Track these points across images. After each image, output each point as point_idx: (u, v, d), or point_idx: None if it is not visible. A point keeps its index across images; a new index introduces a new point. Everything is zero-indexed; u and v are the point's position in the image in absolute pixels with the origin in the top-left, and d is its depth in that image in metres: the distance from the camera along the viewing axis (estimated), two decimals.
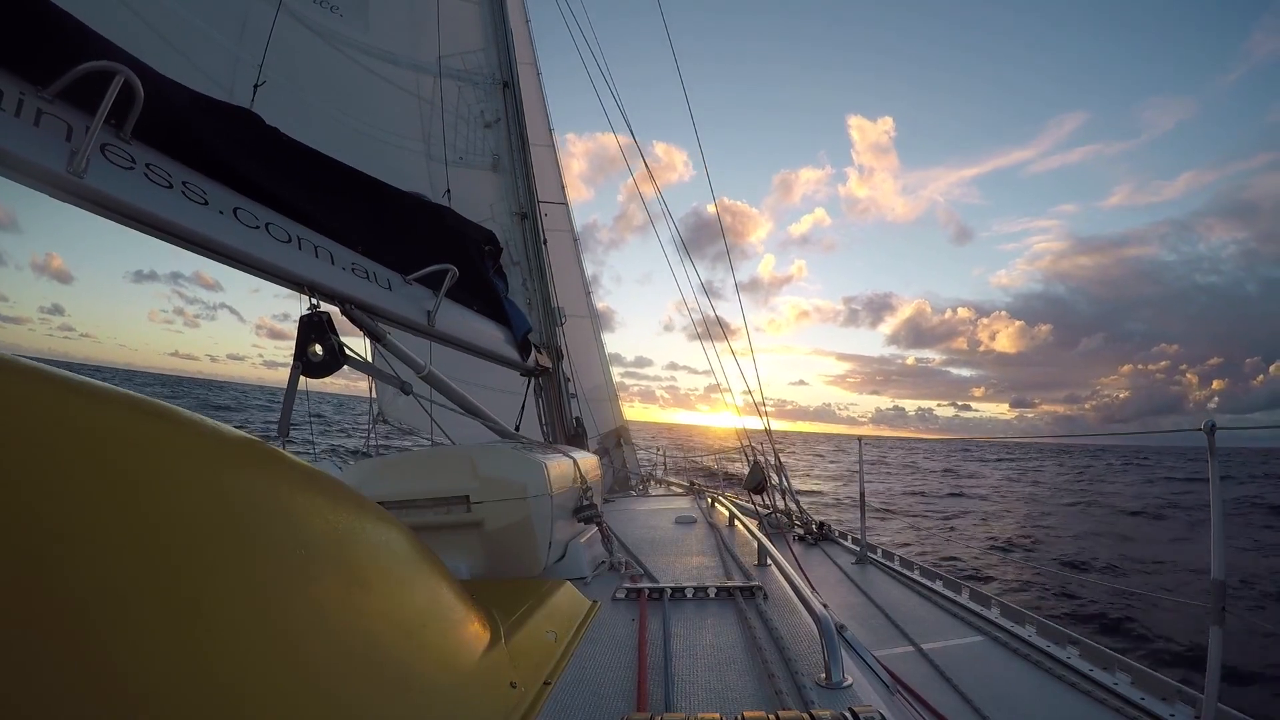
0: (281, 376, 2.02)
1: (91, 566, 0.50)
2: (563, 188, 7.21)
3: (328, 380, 2.09)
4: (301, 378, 2.00)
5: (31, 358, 0.61)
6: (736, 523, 3.47)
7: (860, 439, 5.89)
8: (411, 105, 3.88)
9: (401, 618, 0.90)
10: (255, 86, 2.51)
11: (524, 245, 4.29)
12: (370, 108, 3.53)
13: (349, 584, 0.81)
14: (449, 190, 3.56)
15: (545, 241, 4.42)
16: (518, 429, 4.01)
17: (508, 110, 4.28)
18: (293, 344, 2.01)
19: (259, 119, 2.07)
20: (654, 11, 6.30)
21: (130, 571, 0.53)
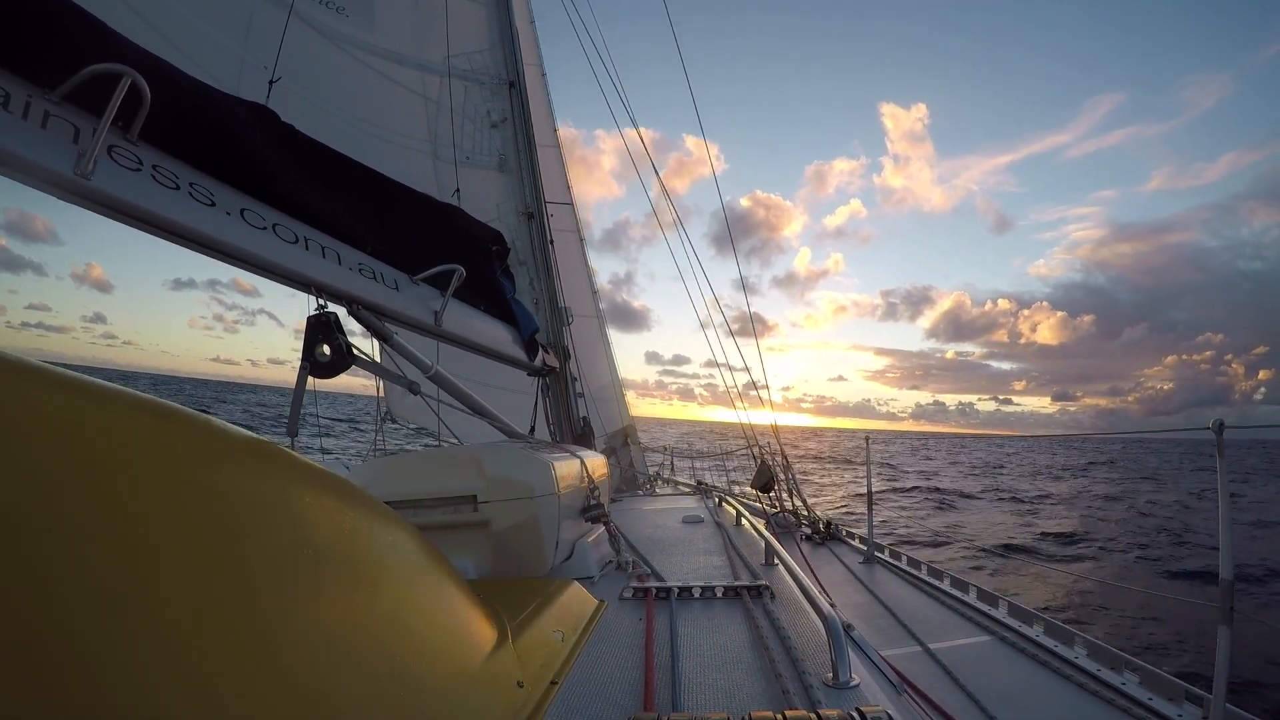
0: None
1: (95, 568, 0.50)
2: (568, 188, 7.21)
3: (339, 382, 2.11)
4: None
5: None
6: (744, 522, 3.46)
7: (868, 437, 5.88)
8: (417, 105, 3.88)
9: (408, 617, 0.90)
10: (270, 83, 2.51)
11: (531, 245, 4.30)
12: (376, 107, 3.53)
13: (356, 584, 0.81)
14: (458, 190, 3.57)
15: (552, 241, 4.43)
16: (533, 431, 4.01)
17: (514, 110, 4.28)
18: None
19: (275, 115, 2.07)
20: (677, 2, 6.34)
21: (135, 573, 0.53)
